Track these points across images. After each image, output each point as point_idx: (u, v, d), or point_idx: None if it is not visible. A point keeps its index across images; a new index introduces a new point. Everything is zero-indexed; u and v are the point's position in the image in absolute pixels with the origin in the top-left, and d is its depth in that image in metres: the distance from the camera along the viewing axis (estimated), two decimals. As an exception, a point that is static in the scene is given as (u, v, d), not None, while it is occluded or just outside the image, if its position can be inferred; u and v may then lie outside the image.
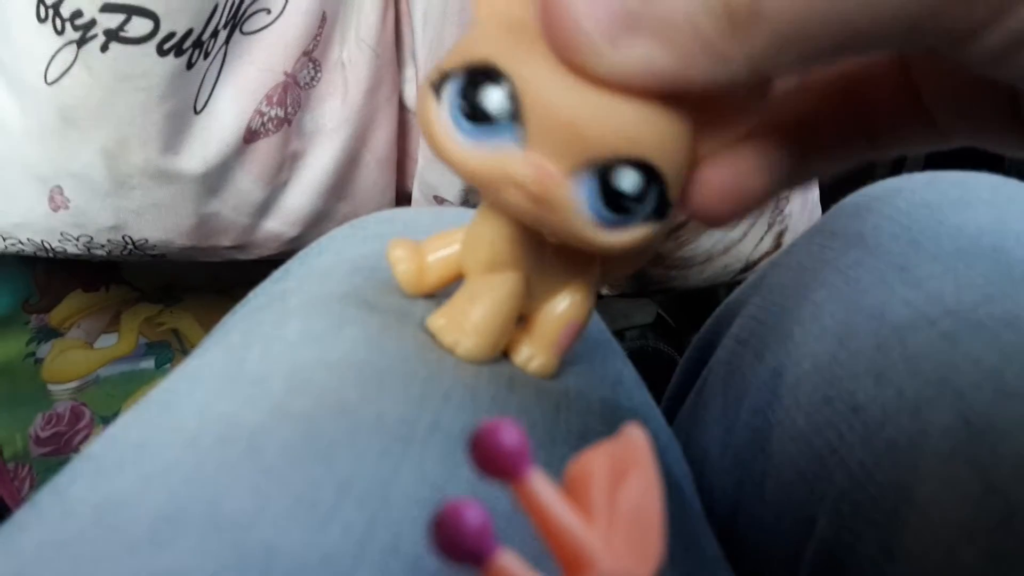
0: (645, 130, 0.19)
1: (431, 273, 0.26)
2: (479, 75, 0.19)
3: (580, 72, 0.18)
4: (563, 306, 0.25)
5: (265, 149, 0.61)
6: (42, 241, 0.61)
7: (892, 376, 0.27)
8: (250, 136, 0.60)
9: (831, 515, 0.27)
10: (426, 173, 0.67)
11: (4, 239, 0.61)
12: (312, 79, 0.63)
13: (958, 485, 0.24)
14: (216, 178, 0.60)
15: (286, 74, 0.61)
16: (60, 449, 0.75)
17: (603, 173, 0.19)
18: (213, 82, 0.59)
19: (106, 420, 0.77)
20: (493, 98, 0.19)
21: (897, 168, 0.79)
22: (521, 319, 0.26)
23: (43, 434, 0.74)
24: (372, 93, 0.64)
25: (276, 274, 0.31)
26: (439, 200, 0.68)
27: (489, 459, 0.14)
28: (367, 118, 0.65)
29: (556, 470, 0.23)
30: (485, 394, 0.24)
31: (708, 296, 0.82)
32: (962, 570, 0.23)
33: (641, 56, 0.17)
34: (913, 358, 0.27)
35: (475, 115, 0.19)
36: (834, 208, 0.37)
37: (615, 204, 0.20)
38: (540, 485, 0.14)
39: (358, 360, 0.24)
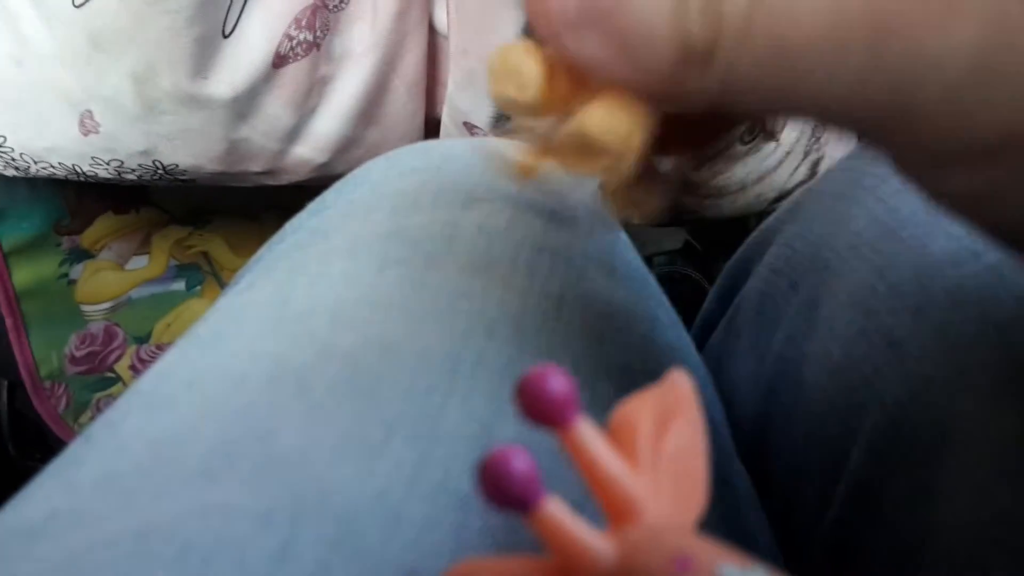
0: None
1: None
2: None
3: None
4: None
5: (294, 74, 0.61)
6: (73, 165, 0.61)
7: (932, 311, 0.26)
8: (279, 61, 0.60)
9: (864, 450, 0.27)
10: (456, 99, 0.67)
11: (35, 163, 0.61)
12: (341, 2, 0.61)
13: (997, 425, 0.23)
14: (245, 103, 0.60)
15: (315, -4, 0.60)
16: (95, 368, 0.77)
17: None
18: (241, 5, 0.58)
19: (138, 340, 0.78)
20: None
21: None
22: None
23: (78, 353, 0.75)
24: (401, 17, 0.63)
25: (313, 206, 0.31)
26: (469, 127, 0.67)
27: (536, 406, 0.14)
28: (396, 42, 0.63)
29: (600, 408, 0.23)
30: (530, 327, 0.24)
31: (737, 222, 0.82)
32: (998, 511, 0.23)
33: (596, 54, 0.17)
34: (955, 292, 0.26)
35: None
36: None
37: None
38: (587, 433, 0.14)
39: (401, 297, 0.24)
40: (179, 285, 0.78)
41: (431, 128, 0.70)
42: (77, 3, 0.54)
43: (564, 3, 0.17)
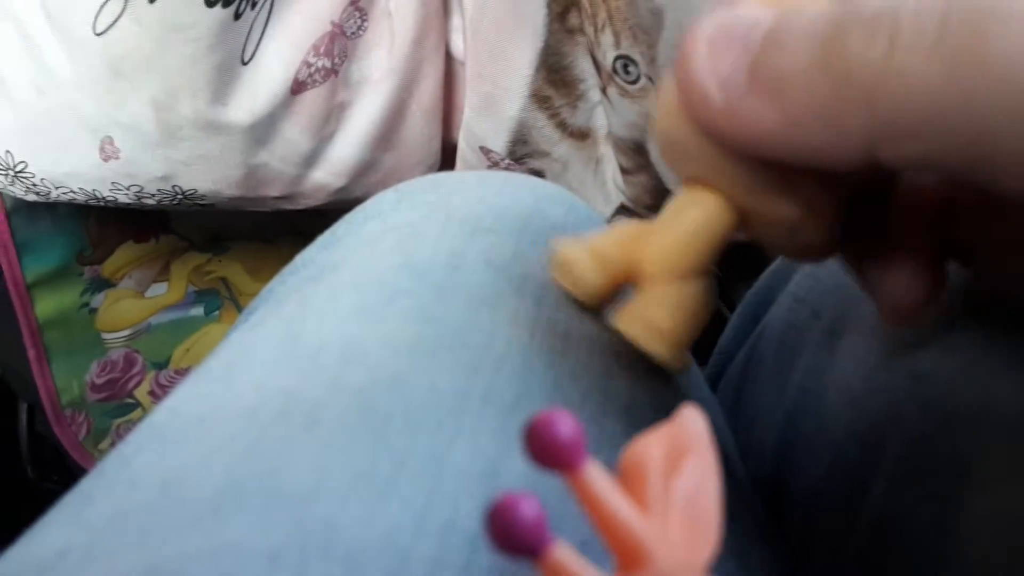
0: None
1: (609, 281, 0.24)
2: None
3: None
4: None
5: (312, 100, 0.61)
6: (93, 191, 0.62)
7: (961, 345, 0.26)
8: (297, 87, 0.60)
9: (886, 483, 0.26)
10: (472, 124, 0.67)
11: (56, 188, 0.62)
12: (359, 28, 0.62)
13: (1022, 462, 0.23)
14: (264, 129, 0.61)
15: (333, 23, 0.60)
16: (115, 395, 0.77)
17: None
18: (260, 32, 0.58)
19: (157, 366, 0.78)
20: None
21: None
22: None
23: (98, 381, 0.76)
24: (419, 43, 0.63)
25: (323, 239, 0.31)
26: (485, 151, 0.67)
27: (544, 451, 0.14)
28: (413, 68, 0.64)
29: (608, 445, 0.23)
30: (537, 362, 0.24)
31: (757, 247, 0.81)
32: (1020, 553, 0.22)
33: (752, 115, 0.18)
34: (986, 329, 0.26)
35: None
36: None
37: None
38: (595, 476, 0.14)
39: (410, 331, 0.24)
40: (198, 311, 0.79)
41: (448, 153, 0.71)
42: (98, 31, 0.55)
43: (715, 81, 0.19)
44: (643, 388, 0.26)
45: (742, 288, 0.51)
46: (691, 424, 0.17)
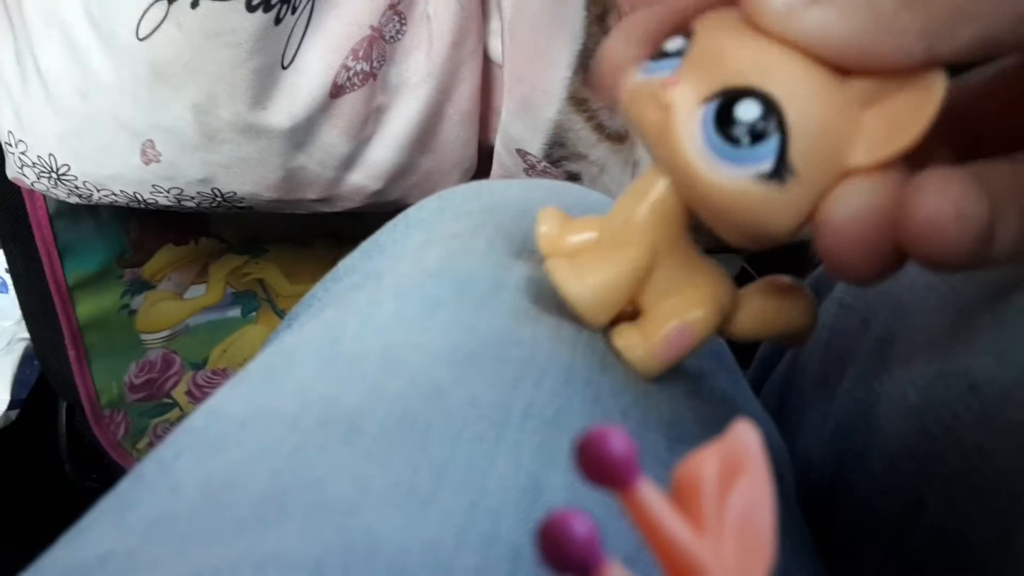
0: (781, 70, 0.20)
1: (570, 233, 0.26)
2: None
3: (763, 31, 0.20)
4: (684, 309, 0.24)
5: (351, 103, 0.61)
6: (134, 193, 0.63)
7: (1015, 355, 0.25)
8: (336, 91, 0.60)
9: (943, 498, 0.26)
10: (509, 126, 0.67)
11: (98, 190, 0.63)
12: (397, 32, 0.62)
13: None
14: (303, 133, 0.61)
15: (372, 28, 0.60)
16: (152, 395, 0.78)
17: (728, 102, 0.20)
18: (300, 37, 0.58)
19: (195, 366, 0.79)
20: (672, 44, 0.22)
21: None
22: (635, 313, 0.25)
23: (137, 381, 0.77)
24: (457, 46, 0.63)
25: (366, 246, 0.31)
26: (522, 154, 0.67)
27: (597, 468, 0.14)
28: (451, 72, 0.64)
29: (650, 459, 0.23)
30: (578, 378, 0.24)
31: (795, 250, 0.80)
32: None
33: (815, 21, 0.19)
34: None
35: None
36: None
37: (728, 133, 0.20)
38: (649, 495, 0.14)
39: (450, 342, 0.23)
40: (235, 312, 0.79)
41: (484, 155, 0.70)
42: (141, 36, 0.56)
43: None
44: (684, 405, 0.25)
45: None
46: (744, 440, 0.17)
